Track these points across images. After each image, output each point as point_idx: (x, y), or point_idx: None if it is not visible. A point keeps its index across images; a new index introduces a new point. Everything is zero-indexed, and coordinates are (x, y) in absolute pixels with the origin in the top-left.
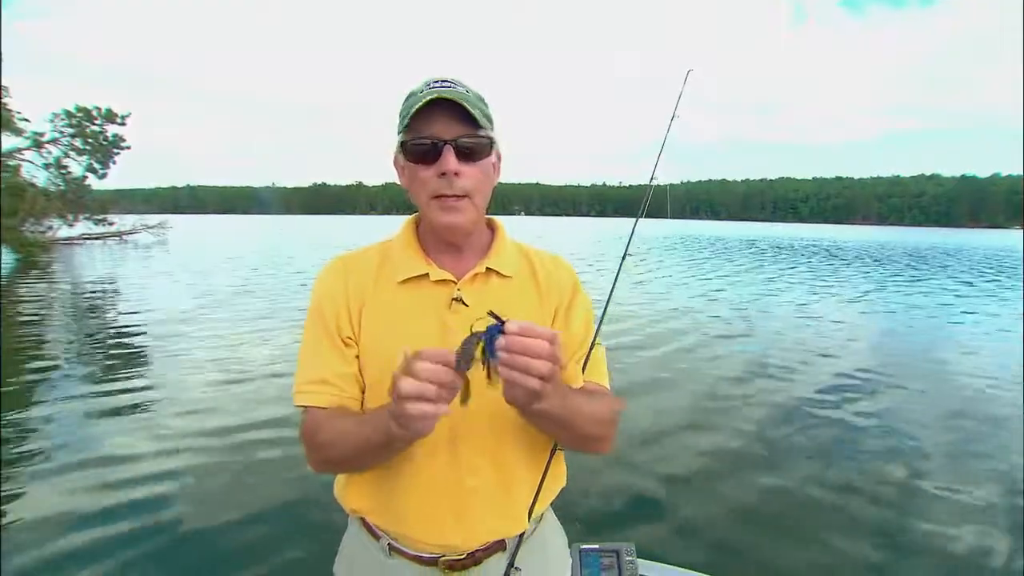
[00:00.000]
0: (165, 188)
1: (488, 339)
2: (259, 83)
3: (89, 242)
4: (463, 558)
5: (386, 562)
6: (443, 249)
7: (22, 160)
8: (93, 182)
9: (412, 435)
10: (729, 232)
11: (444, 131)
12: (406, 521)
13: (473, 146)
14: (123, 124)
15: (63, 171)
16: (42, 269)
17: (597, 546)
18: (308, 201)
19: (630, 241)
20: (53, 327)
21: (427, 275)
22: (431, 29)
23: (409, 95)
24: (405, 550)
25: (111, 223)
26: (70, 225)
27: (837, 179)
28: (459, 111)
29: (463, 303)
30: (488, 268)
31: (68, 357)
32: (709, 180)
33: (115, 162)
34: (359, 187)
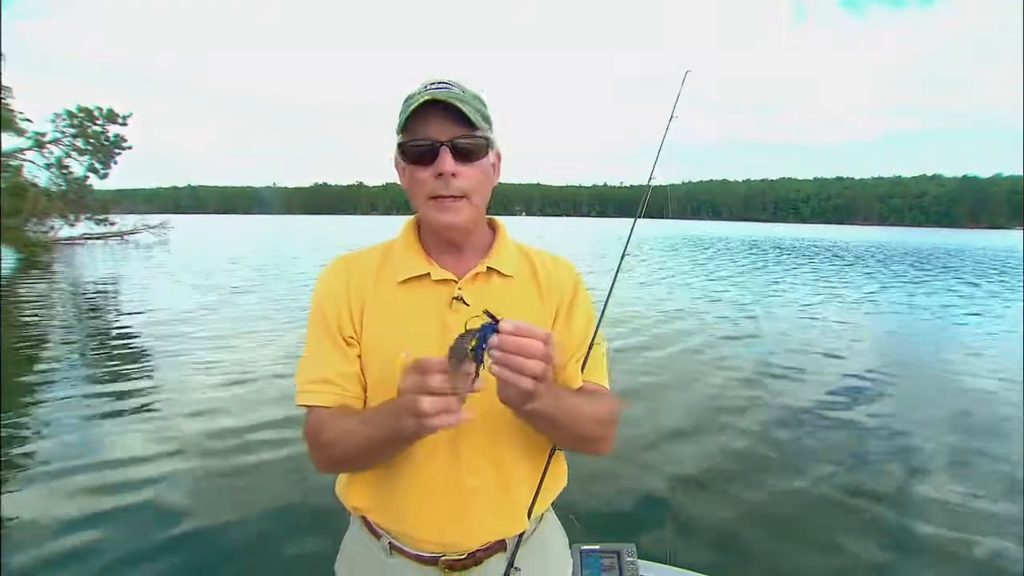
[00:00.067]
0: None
1: (481, 337)
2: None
3: (90, 242)
4: (463, 558)
5: (387, 561)
6: (444, 249)
7: (24, 160)
8: (94, 182)
9: (425, 434)
10: (731, 232)
11: (440, 132)
12: (406, 520)
13: (469, 147)
14: (124, 124)
15: (65, 171)
16: (43, 269)
17: (598, 547)
18: (309, 201)
19: (628, 241)
20: (54, 327)
21: (428, 274)
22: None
23: (408, 97)
24: (406, 549)
25: (112, 223)
26: (71, 225)
27: (838, 179)
28: (455, 112)
29: (464, 302)
30: (489, 267)
31: (69, 357)
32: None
33: (116, 162)
34: (360, 187)
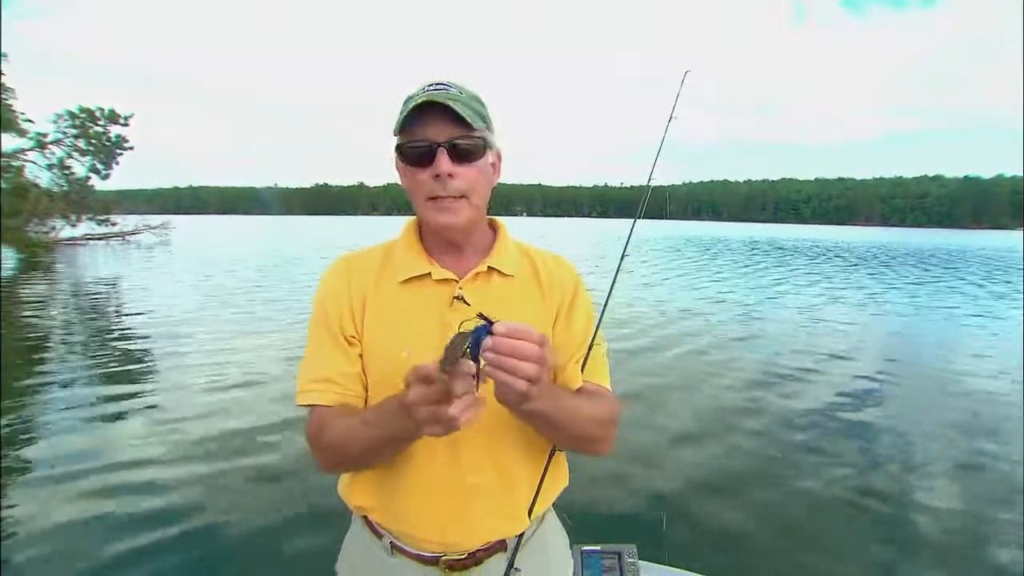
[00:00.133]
0: (167, 188)
1: (475, 340)
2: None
3: (92, 243)
4: (464, 558)
5: (388, 561)
6: (445, 249)
7: (25, 161)
8: (96, 182)
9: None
10: (732, 233)
11: (437, 134)
12: (407, 520)
13: (467, 147)
14: (126, 125)
15: (66, 172)
16: (45, 269)
17: (599, 547)
18: (310, 201)
19: (628, 241)
20: (56, 328)
21: (429, 274)
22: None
23: (406, 99)
24: (407, 549)
25: (114, 223)
26: (73, 225)
27: (839, 180)
28: (452, 113)
29: (464, 302)
30: (490, 267)
31: (71, 358)
32: (711, 181)
33: (118, 163)
34: (361, 187)
